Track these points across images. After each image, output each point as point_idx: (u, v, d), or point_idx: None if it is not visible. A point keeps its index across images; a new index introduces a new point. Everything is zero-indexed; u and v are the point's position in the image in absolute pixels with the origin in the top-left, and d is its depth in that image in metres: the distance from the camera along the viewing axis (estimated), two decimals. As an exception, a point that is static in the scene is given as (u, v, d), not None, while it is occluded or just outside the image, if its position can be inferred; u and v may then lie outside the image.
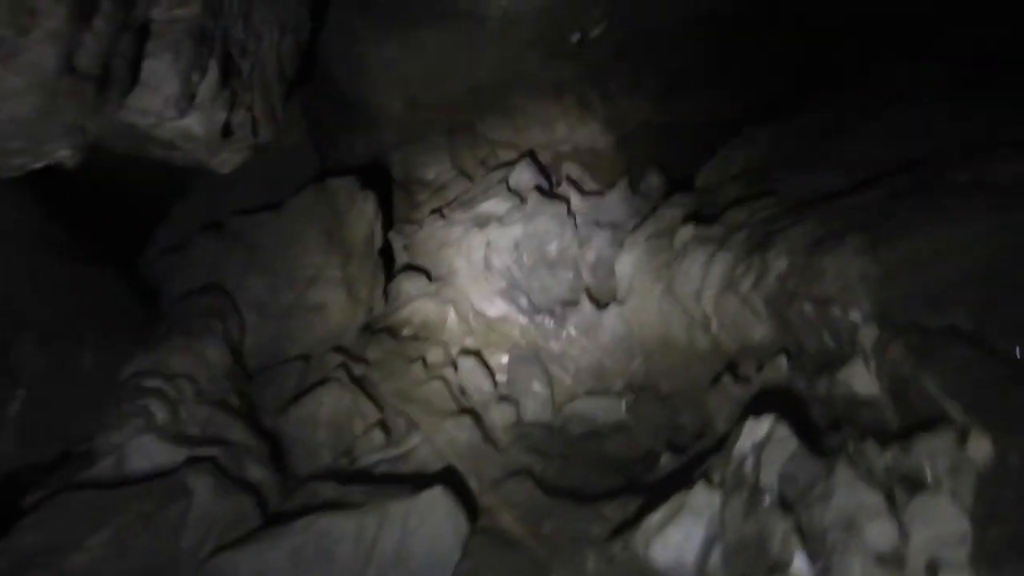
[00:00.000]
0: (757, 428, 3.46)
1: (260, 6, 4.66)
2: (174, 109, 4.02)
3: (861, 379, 3.48)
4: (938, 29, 6.75)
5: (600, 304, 6.66)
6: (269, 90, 4.96)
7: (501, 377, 6.36)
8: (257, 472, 4.80)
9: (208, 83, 4.25)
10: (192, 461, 4.54)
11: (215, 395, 5.23)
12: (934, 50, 6.49)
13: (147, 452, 4.57)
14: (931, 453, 2.76)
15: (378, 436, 5.48)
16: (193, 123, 4.30)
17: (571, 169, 8.36)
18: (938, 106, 5.35)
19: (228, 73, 4.48)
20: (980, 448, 2.63)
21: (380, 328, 6.69)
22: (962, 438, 2.71)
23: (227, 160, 4.85)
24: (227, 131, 4.59)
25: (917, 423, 2.98)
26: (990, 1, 6.45)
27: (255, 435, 5.13)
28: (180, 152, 4.51)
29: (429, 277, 7.27)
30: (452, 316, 6.86)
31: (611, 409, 5.84)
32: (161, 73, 3.94)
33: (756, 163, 6.26)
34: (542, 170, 8.24)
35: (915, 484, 2.80)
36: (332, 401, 5.57)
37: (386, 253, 7.42)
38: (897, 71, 6.48)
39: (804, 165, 5.61)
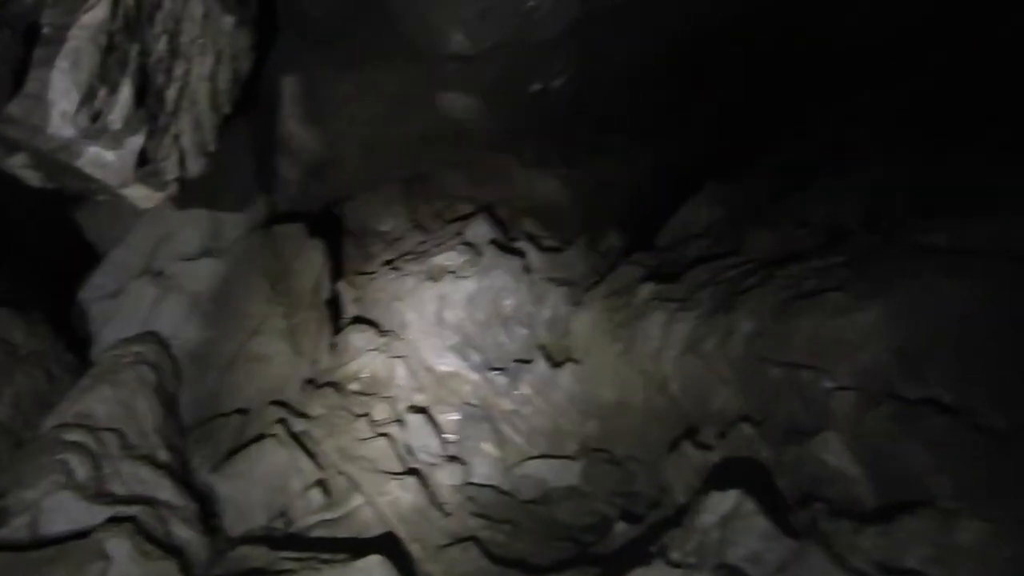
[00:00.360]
0: (722, 502, 3.23)
1: (190, 27, 4.31)
2: (71, 127, 3.65)
3: (834, 450, 3.29)
4: (904, 69, 6.71)
5: (555, 362, 6.49)
6: (200, 120, 4.61)
7: (450, 436, 6.11)
8: (183, 534, 4.49)
9: (119, 103, 3.89)
10: (113, 521, 4.21)
11: (143, 450, 4.91)
12: (897, 95, 6.42)
13: (65, 511, 4.25)
14: (914, 538, 2.54)
15: (317, 497, 5.20)
16: (102, 149, 3.92)
17: (529, 224, 8.26)
18: (906, 159, 5.25)
19: (145, 95, 4.13)
20: (971, 534, 2.41)
21: (325, 382, 6.43)
22: (949, 522, 2.49)
23: (148, 195, 4.48)
24: (143, 160, 4.21)
25: (897, 503, 2.77)
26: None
27: (184, 494, 4.81)
28: (95, 184, 4.14)
29: (379, 330, 7.07)
30: (401, 371, 6.64)
31: (564, 472, 5.65)
32: (56, 85, 3.59)
33: (719, 220, 6.16)
34: (499, 224, 8.13)
35: (896, 572, 2.57)
36: (269, 458, 5.30)
37: (334, 304, 7.16)
38: (860, 118, 6.41)
39: (769, 223, 5.50)
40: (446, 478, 5.60)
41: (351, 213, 8.45)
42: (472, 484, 5.65)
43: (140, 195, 4.50)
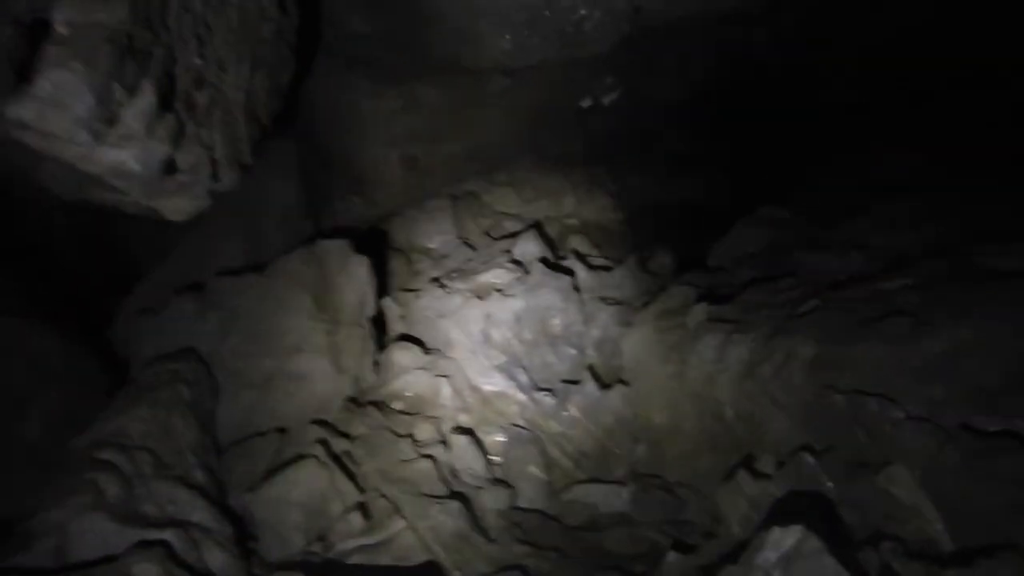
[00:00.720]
0: (784, 538, 3.01)
1: (223, 32, 4.17)
2: (85, 132, 3.44)
3: (904, 485, 3.06)
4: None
5: (604, 384, 6.32)
6: (234, 131, 4.47)
7: (496, 458, 5.96)
8: (217, 558, 4.34)
9: (139, 108, 3.70)
10: (143, 545, 4.08)
11: (177, 470, 4.80)
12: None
13: (92, 534, 4.11)
14: (997, 584, 2.32)
15: (356, 520, 5.05)
16: (125, 156, 3.74)
17: (578, 242, 8.14)
18: (957, 190, 5.05)
19: (171, 100, 3.95)
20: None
21: (367, 401, 6.32)
22: (1035, 569, 2.27)
23: (180, 207, 4.34)
24: (170, 169, 4.06)
25: (976, 545, 2.54)
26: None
27: (219, 516, 4.68)
28: (119, 194, 4.01)
29: (424, 349, 6.96)
30: (446, 391, 6.52)
31: (613, 497, 5.46)
32: (69, 87, 3.40)
33: (773, 243, 5.95)
34: (548, 242, 8.02)
35: (978, 620, 2.36)
36: (308, 480, 5.15)
37: (379, 322, 7.08)
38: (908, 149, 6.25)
39: (825, 247, 5.29)
40: (491, 502, 5.43)
41: (396, 230, 8.37)
42: (518, 508, 5.48)
43: (170, 207, 4.35)
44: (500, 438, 6.13)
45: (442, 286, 7.43)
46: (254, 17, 4.42)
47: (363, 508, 5.19)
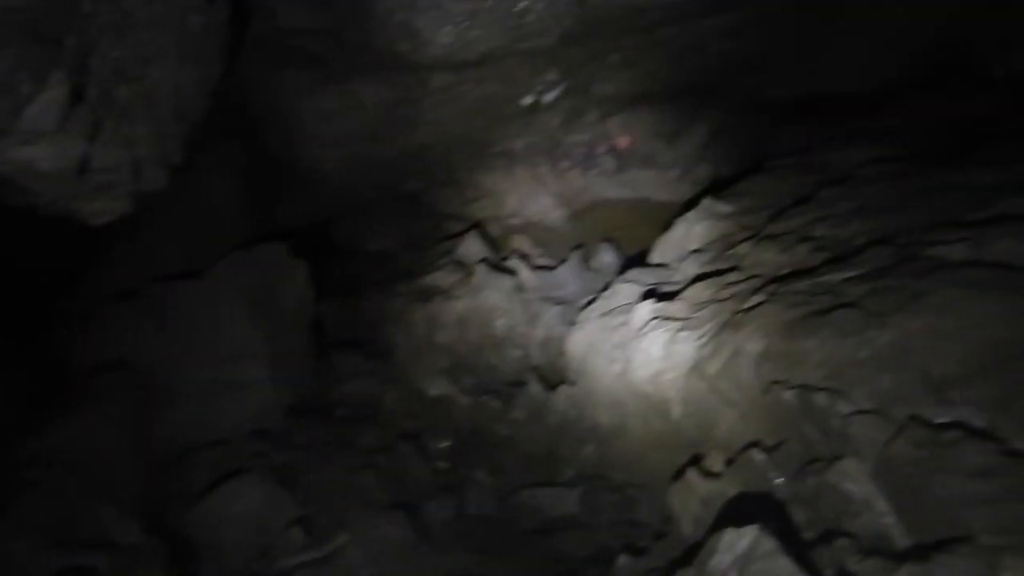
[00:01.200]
0: (737, 540, 2.94)
1: (146, 23, 3.90)
2: None
3: (855, 480, 3.02)
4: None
5: (550, 385, 6.29)
6: (161, 128, 4.25)
7: (442, 464, 5.87)
8: (150, 581, 4.18)
9: (49, 101, 3.41)
10: (68, 572, 3.89)
11: (108, 488, 4.61)
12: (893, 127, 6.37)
13: (16, 559, 3.92)
14: (955, 580, 2.28)
15: (299, 535, 4.90)
16: (35, 154, 3.45)
17: (521, 242, 8.17)
18: (909, 181, 5.06)
19: (84, 93, 3.64)
20: (1016, 574, 2.15)
21: (309, 410, 6.20)
22: (992, 561, 2.23)
23: (101, 209, 4.09)
24: (84, 168, 3.76)
25: (932, 539, 2.50)
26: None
27: (153, 536, 4.50)
28: (33, 196, 3.77)
29: (366, 353, 6.91)
30: (390, 396, 6.46)
31: (561, 500, 5.39)
32: None
33: (717, 236, 5.93)
34: (490, 242, 8.04)
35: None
36: (247, 494, 5.00)
37: (320, 327, 6.96)
38: (853, 143, 6.29)
39: (770, 239, 5.27)
40: (438, 510, 5.33)
41: (337, 232, 8.31)
42: (466, 515, 5.38)
43: (90, 210, 4.09)
44: (446, 443, 6.06)
45: (383, 289, 7.39)
46: (181, 9, 4.20)
47: (305, 522, 5.03)
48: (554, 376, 6.45)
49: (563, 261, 7.64)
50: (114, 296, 6.02)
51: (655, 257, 6.55)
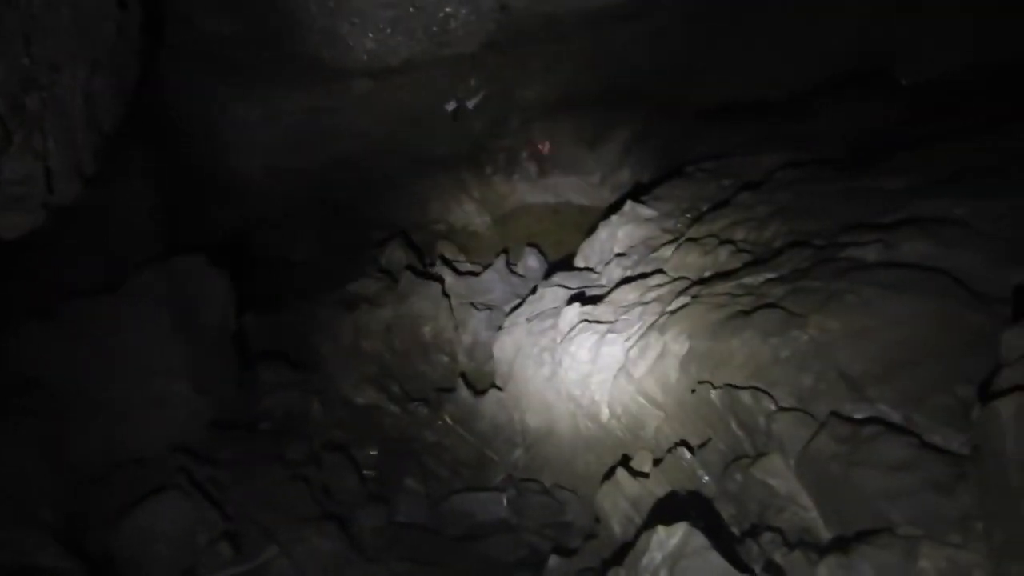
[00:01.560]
0: (668, 538, 2.98)
1: (55, 30, 3.78)
2: None
3: (780, 476, 3.08)
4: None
5: (478, 390, 6.30)
6: (72, 138, 4.11)
7: (370, 473, 5.83)
8: (72, 604, 4.05)
9: None
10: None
11: (26, 510, 4.46)
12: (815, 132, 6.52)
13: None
14: (877, 570, 2.34)
15: (225, 549, 4.81)
16: None
17: (445, 248, 8.16)
18: (824, 185, 5.19)
19: None
20: (934, 563, 2.22)
21: (233, 424, 6.07)
22: (911, 551, 2.30)
23: (13, 223, 3.92)
24: None
25: (853, 531, 2.57)
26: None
27: (73, 557, 4.36)
28: None
29: (291, 364, 6.81)
30: (316, 406, 6.37)
31: (492, 505, 5.43)
32: None
33: (640, 240, 5.99)
34: (415, 249, 8.04)
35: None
36: (171, 511, 4.88)
37: (242, 339, 6.82)
38: (769, 148, 6.43)
39: (692, 242, 5.35)
40: (368, 519, 5.29)
41: (259, 241, 8.16)
42: (396, 523, 5.35)
43: (1, 224, 3.98)
44: (374, 452, 6.01)
45: (309, 298, 7.32)
46: (91, 14, 4.06)
47: (232, 536, 4.93)
48: (482, 381, 6.46)
49: (488, 266, 7.64)
50: (27, 312, 5.80)
51: (580, 261, 6.60)
